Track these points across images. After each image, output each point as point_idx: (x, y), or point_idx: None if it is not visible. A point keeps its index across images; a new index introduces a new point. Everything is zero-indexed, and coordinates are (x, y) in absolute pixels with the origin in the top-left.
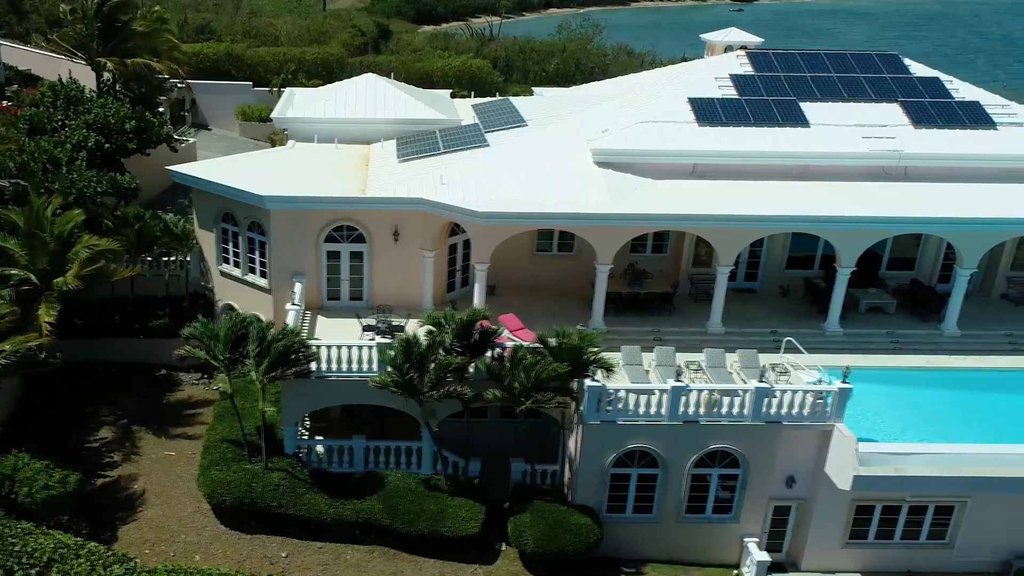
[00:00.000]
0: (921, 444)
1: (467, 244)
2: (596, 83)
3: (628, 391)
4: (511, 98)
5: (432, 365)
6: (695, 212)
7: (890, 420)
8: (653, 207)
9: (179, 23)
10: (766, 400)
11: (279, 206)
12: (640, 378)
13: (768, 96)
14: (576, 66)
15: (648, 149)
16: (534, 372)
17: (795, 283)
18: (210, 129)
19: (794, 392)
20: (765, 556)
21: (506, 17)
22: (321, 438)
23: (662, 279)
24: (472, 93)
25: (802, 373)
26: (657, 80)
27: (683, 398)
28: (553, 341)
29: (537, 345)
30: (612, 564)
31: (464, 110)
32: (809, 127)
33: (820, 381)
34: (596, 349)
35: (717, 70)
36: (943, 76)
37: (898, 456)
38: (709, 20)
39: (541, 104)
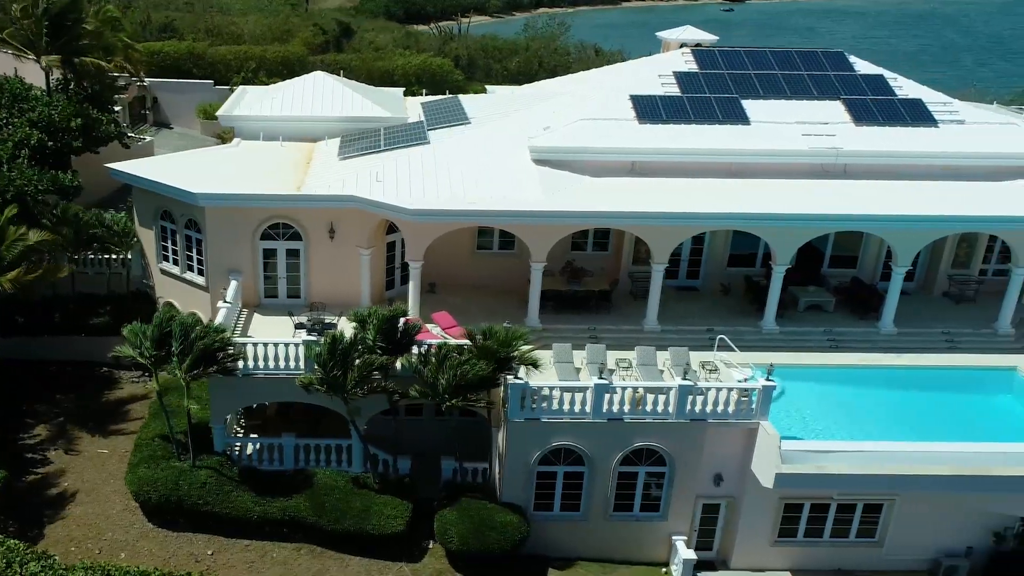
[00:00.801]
0: (843, 442)
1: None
2: (547, 81)
3: (552, 389)
4: (460, 96)
5: (357, 363)
6: (625, 210)
7: (820, 418)
8: (585, 204)
9: (142, 21)
10: (690, 398)
11: (213, 203)
12: (570, 376)
13: (710, 94)
14: (539, 64)
15: (586, 146)
16: (457, 370)
17: (737, 281)
18: (172, 127)
19: (718, 390)
20: (691, 554)
21: (497, 16)
22: (256, 436)
23: (602, 277)
24: (425, 92)
25: (734, 371)
26: (604, 78)
27: (607, 396)
28: (480, 338)
29: (464, 342)
30: (540, 562)
31: (415, 108)
32: (750, 124)
33: (747, 379)
34: (523, 347)
35: (662, 68)
36: (888, 74)
37: (820, 454)
38: (698, 19)
39: (489, 102)
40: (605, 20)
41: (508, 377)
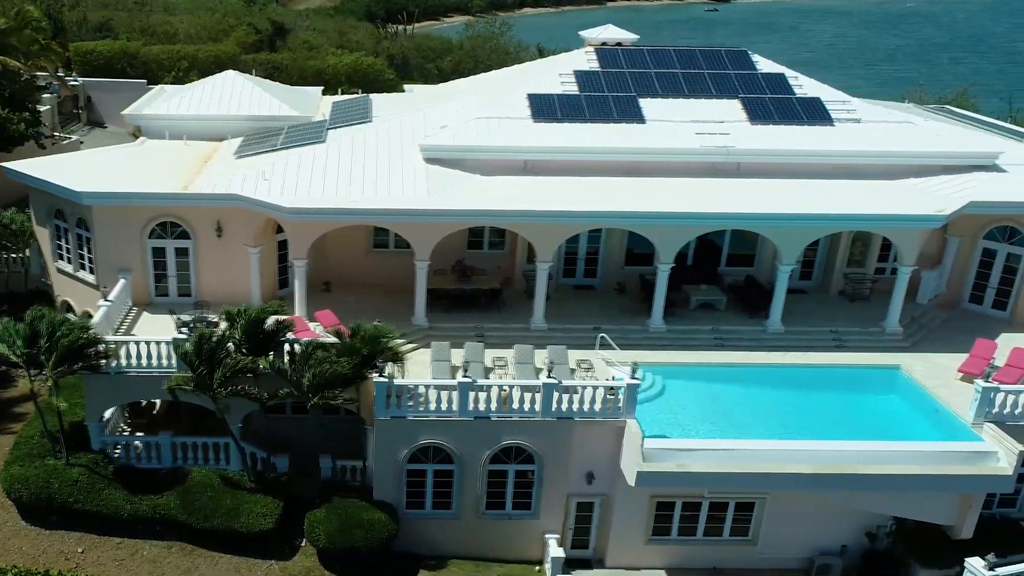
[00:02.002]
0: (706, 440)
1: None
2: (462, 79)
3: (416, 386)
4: (373, 96)
5: (225, 361)
6: (504, 208)
7: (696, 416)
8: (467, 203)
9: (78, 21)
10: (556, 396)
11: (98, 202)
12: (447, 374)
13: (609, 93)
14: (476, 64)
15: (475, 145)
16: (317, 369)
17: (633, 280)
18: (105, 127)
19: (583, 388)
20: (561, 552)
21: (479, 16)
22: (141, 434)
23: (495, 276)
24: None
25: (614, 369)
26: (511, 77)
27: (473, 394)
28: (348, 337)
29: (331, 340)
30: (414, 560)
31: (327, 107)
32: (645, 123)
33: (621, 378)
34: (398, 344)
35: (564, 67)
36: (788, 72)
37: (683, 452)
38: (682, 19)
39: (399, 101)
40: (590, 20)
41: (373, 375)
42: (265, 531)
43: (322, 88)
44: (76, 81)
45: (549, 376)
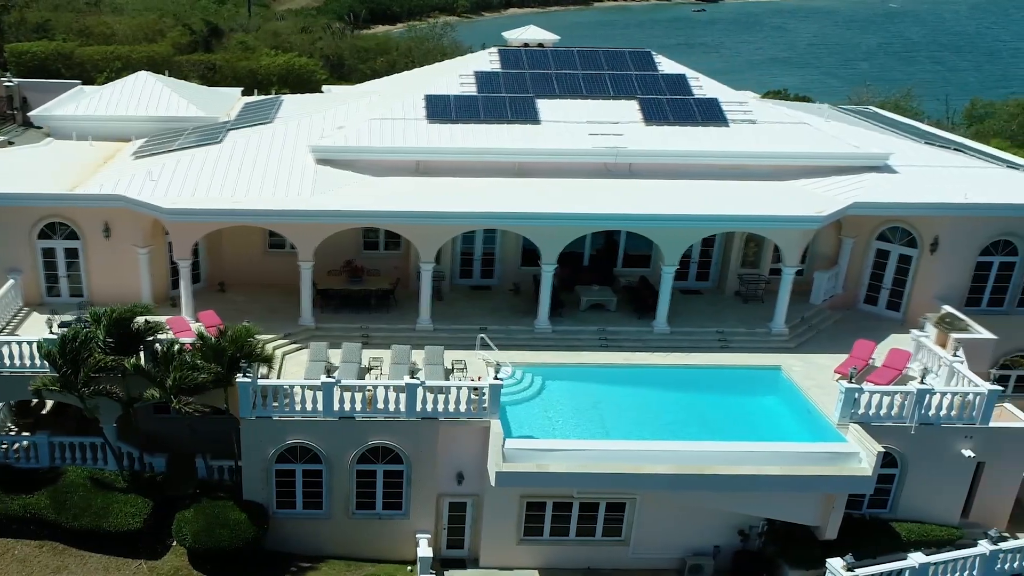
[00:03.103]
0: (567, 440)
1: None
2: (377, 80)
3: (280, 386)
4: (286, 96)
5: (88, 361)
6: (380, 209)
7: (570, 416)
8: (341, 204)
9: (16, 21)
10: (420, 396)
11: None
12: (323, 374)
13: (506, 93)
14: (411, 64)
15: (366, 146)
16: (180, 371)
17: (528, 281)
18: (40, 128)
19: (447, 388)
20: (429, 552)
21: (465, 16)
22: (23, 433)
23: (386, 276)
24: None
25: (492, 370)
26: (418, 77)
27: (337, 394)
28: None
29: (199, 341)
30: (286, 560)
31: (239, 108)
32: (540, 124)
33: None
34: (259, 345)
35: (466, 68)
36: (690, 73)
37: (542, 452)
38: (668, 19)
39: (309, 101)
40: (577, 20)
41: (238, 375)
42: (134, 530)
43: (241, 89)
44: (11, 82)
45: (413, 376)
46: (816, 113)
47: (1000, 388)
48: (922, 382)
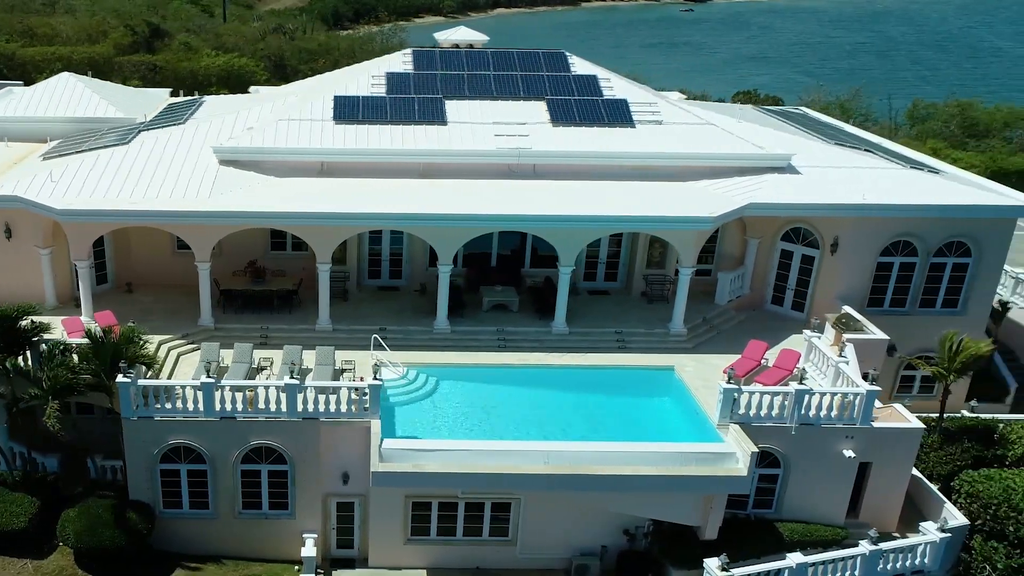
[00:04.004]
0: (444, 441)
1: (97, 241)
2: (304, 80)
3: (160, 387)
4: (209, 97)
5: None
6: (271, 210)
7: (459, 417)
8: (234, 205)
9: None
10: (301, 396)
11: None
12: (215, 375)
13: (415, 94)
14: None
15: (270, 147)
16: (53, 372)
17: (435, 281)
18: None
19: (328, 389)
20: (312, 552)
21: (451, 16)
22: None
23: (290, 277)
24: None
25: (386, 370)
26: (335, 78)
27: (217, 394)
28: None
29: (83, 341)
30: (173, 560)
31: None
32: (446, 125)
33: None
34: (141, 346)
35: (379, 69)
36: (601, 74)
37: (419, 452)
38: (656, 19)
39: (230, 102)
40: (563, 20)
41: (119, 376)
42: (19, 530)
43: (170, 91)
44: None
45: (293, 377)
46: (729, 113)
47: (878, 389)
48: (801, 382)
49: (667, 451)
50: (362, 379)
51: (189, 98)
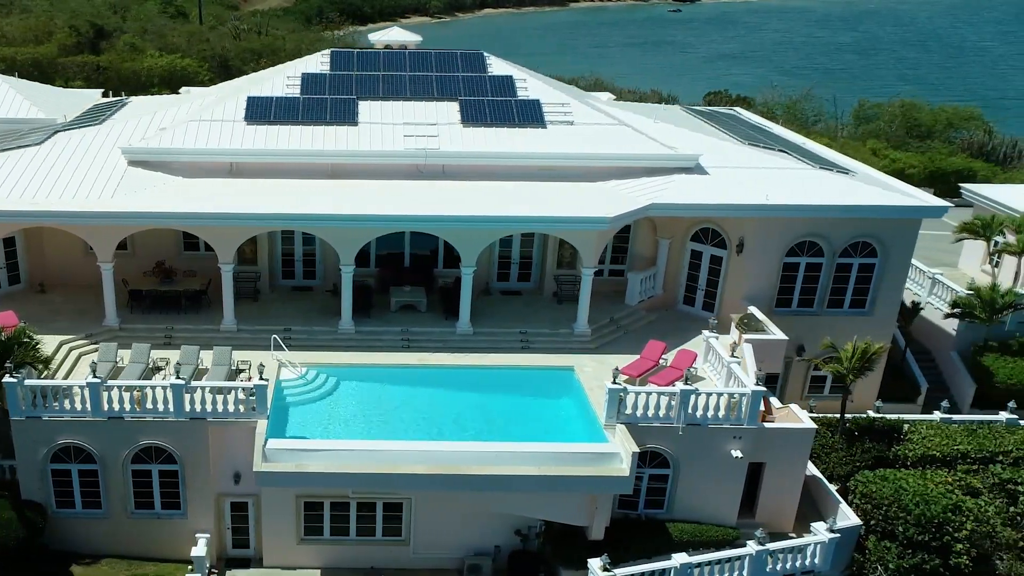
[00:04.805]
0: (327, 441)
1: (9, 241)
2: (234, 80)
3: (47, 387)
4: (134, 98)
5: None
6: (167, 211)
7: (354, 417)
8: (134, 206)
9: None
10: (188, 397)
11: None
12: (110, 375)
13: (330, 95)
14: None
15: (178, 148)
16: None
17: None
18: None
19: (215, 389)
20: (203, 552)
21: (437, 17)
22: None
23: (199, 277)
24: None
25: (286, 370)
26: (255, 79)
27: (104, 394)
28: None
29: None
30: (66, 559)
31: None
32: (357, 125)
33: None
34: (31, 346)
35: (296, 70)
36: (517, 75)
37: (302, 452)
38: (644, 19)
39: (153, 103)
40: (551, 21)
41: (6, 376)
42: None
43: (102, 91)
44: None
45: (178, 377)
46: (646, 113)
47: (764, 389)
48: (686, 383)
49: (550, 451)
50: (250, 379)
51: (114, 99)
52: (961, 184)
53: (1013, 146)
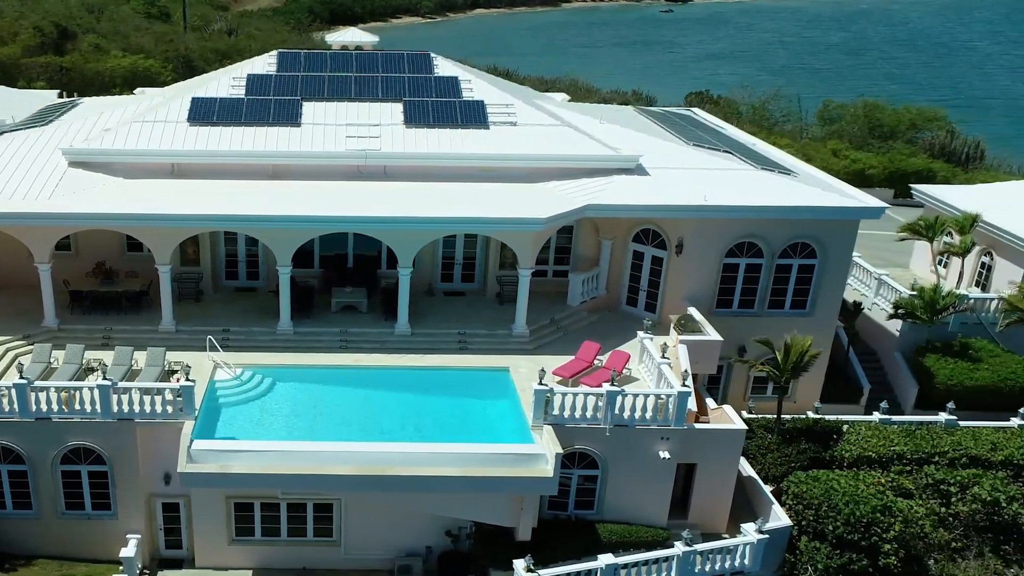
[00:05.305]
0: (250, 442)
1: None
2: (187, 81)
3: None
4: (86, 99)
5: None
6: (101, 211)
7: (286, 418)
8: (66, 207)
9: None
10: (116, 397)
11: None
12: (40, 375)
13: (274, 96)
14: None
15: (118, 149)
16: None
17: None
18: None
19: (142, 390)
20: (131, 552)
21: (428, 17)
22: None
23: (140, 278)
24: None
25: (221, 371)
26: (204, 79)
27: (32, 395)
28: None
29: None
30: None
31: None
32: (300, 127)
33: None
34: None
35: (242, 71)
36: (463, 76)
37: (227, 453)
38: (635, 19)
39: (105, 104)
40: (541, 21)
41: None
42: None
43: (58, 92)
44: None
45: (105, 378)
46: (596, 115)
47: (689, 390)
48: (612, 383)
49: (475, 452)
50: (178, 380)
51: (66, 100)
52: (911, 185)
53: (976, 146)
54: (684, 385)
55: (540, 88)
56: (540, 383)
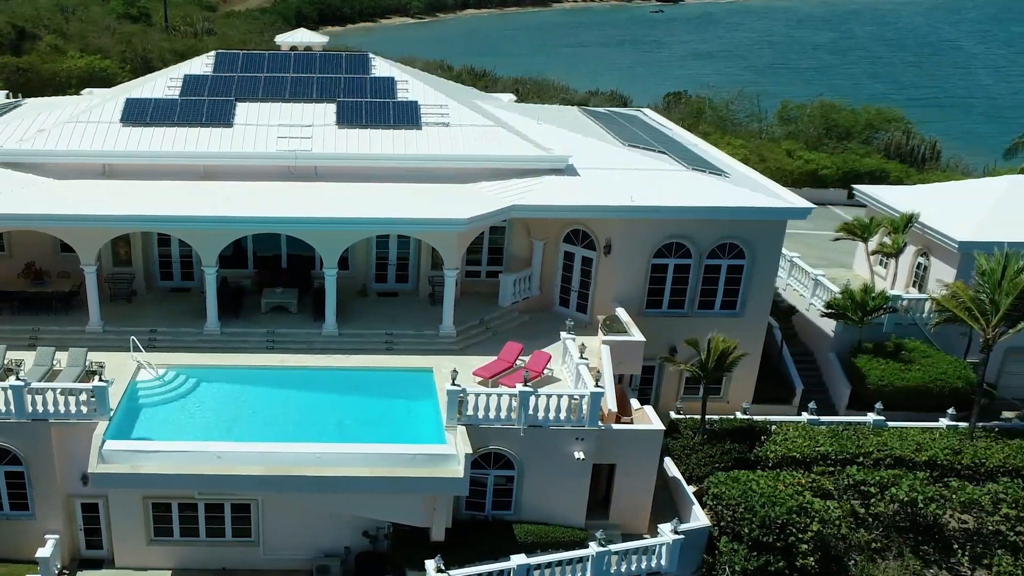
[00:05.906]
0: (166, 442)
1: None
2: (139, 79)
3: None
4: (31, 99)
5: None
6: (20, 212)
7: (207, 418)
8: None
9: None
10: (30, 398)
11: None
12: None
13: (208, 96)
14: None
15: (48, 149)
16: None
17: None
18: None
19: (56, 390)
20: (47, 553)
21: (417, 18)
22: None
23: (71, 279)
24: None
25: (144, 371)
26: (144, 79)
27: None
28: None
29: None
30: None
31: None
32: (232, 127)
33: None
34: None
35: (179, 71)
36: (399, 76)
37: (138, 454)
38: (626, 19)
39: (46, 104)
40: (533, 21)
41: None
42: None
43: (6, 92)
44: None
45: (18, 378)
46: (534, 115)
47: (601, 390)
48: (526, 384)
49: (387, 452)
50: (92, 381)
51: (10, 100)
52: (853, 185)
53: (932, 147)
54: (598, 385)
55: (510, 89)
56: (453, 383)
